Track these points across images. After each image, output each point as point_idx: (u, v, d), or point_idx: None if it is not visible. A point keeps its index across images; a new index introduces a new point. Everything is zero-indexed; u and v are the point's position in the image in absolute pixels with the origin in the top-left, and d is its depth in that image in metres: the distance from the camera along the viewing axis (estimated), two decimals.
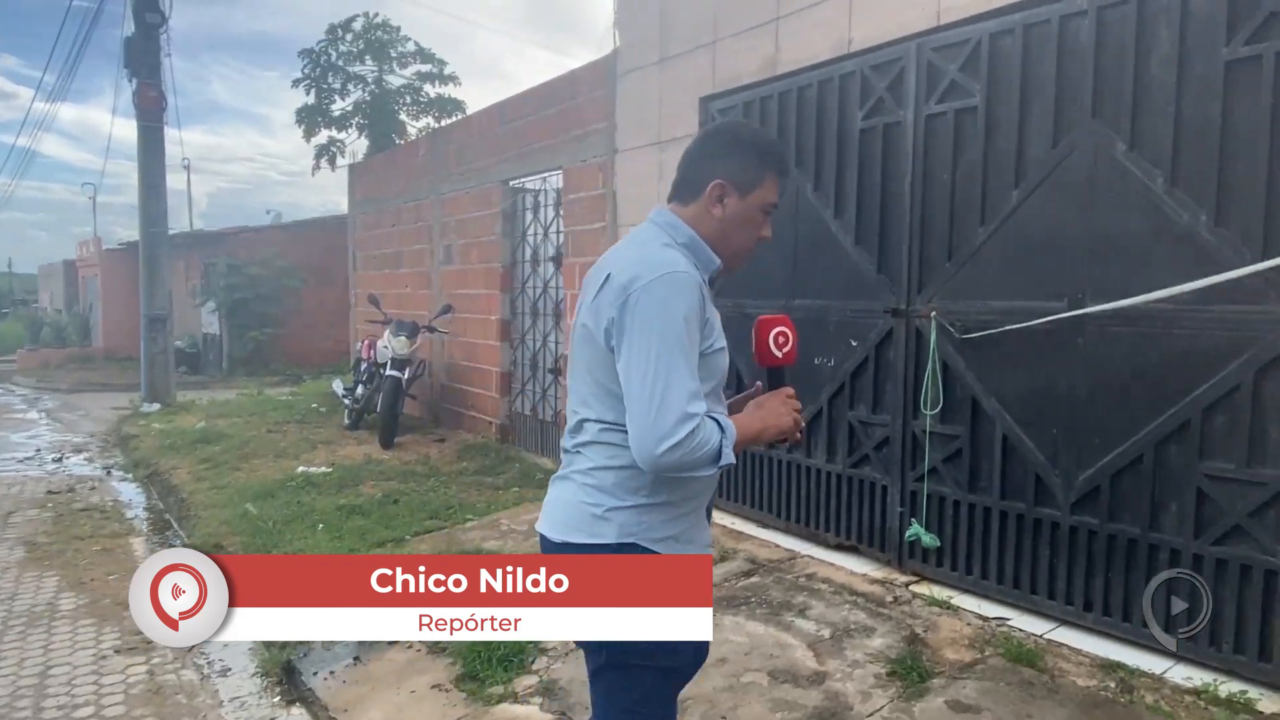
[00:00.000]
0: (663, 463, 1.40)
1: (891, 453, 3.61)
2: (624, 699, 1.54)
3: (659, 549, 1.51)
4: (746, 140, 1.63)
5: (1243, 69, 2.53)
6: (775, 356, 1.66)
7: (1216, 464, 2.65)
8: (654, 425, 1.38)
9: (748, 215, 1.59)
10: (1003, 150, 3.17)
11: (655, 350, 1.41)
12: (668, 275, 1.44)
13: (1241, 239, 2.55)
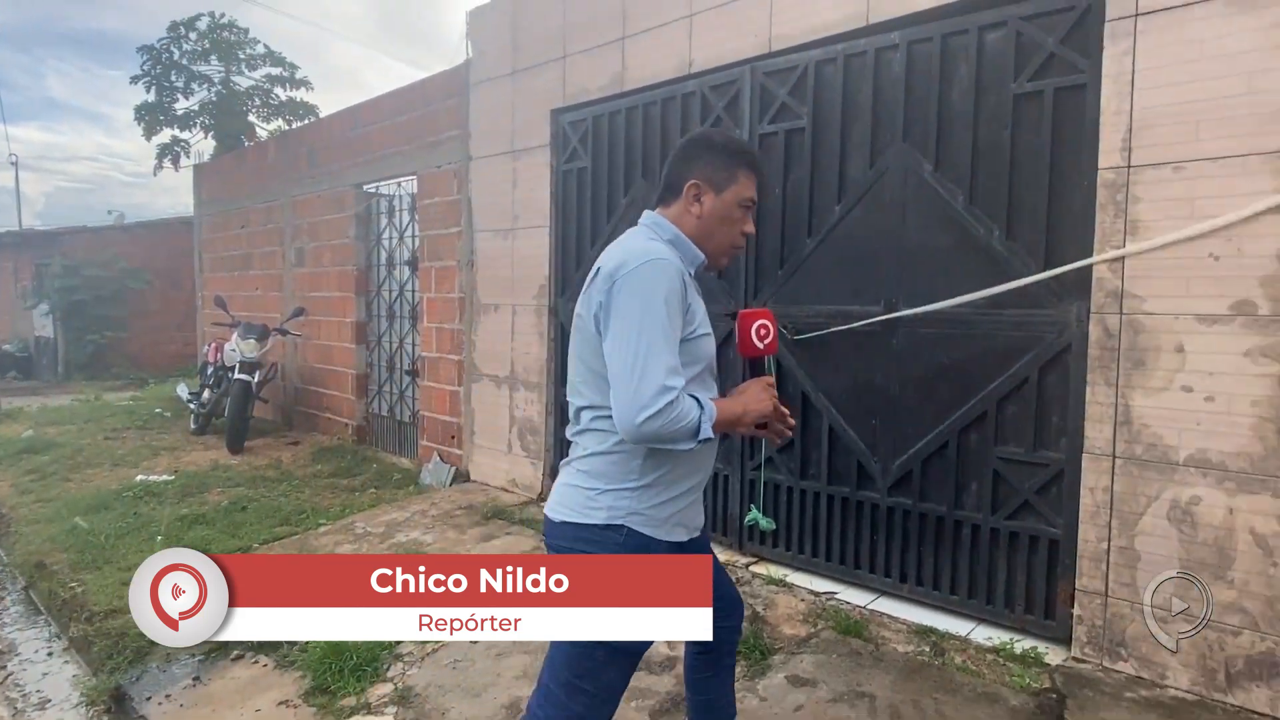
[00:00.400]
0: (643, 432, 1.40)
1: (732, 445, 3.64)
2: (567, 672, 1.51)
3: (646, 531, 1.52)
4: (718, 143, 1.65)
5: (1028, 102, 2.71)
6: (757, 348, 1.74)
7: (1009, 448, 2.83)
8: (634, 396, 1.40)
9: (725, 211, 1.62)
10: (827, 168, 3.25)
11: (637, 329, 1.43)
12: (650, 261, 1.47)
13: (1028, 251, 2.73)
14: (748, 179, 1.64)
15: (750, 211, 1.68)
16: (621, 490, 1.53)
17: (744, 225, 1.67)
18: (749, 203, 1.66)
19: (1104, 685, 2.45)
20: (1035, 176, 2.71)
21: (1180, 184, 2.36)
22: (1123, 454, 2.51)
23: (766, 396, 1.64)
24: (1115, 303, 2.50)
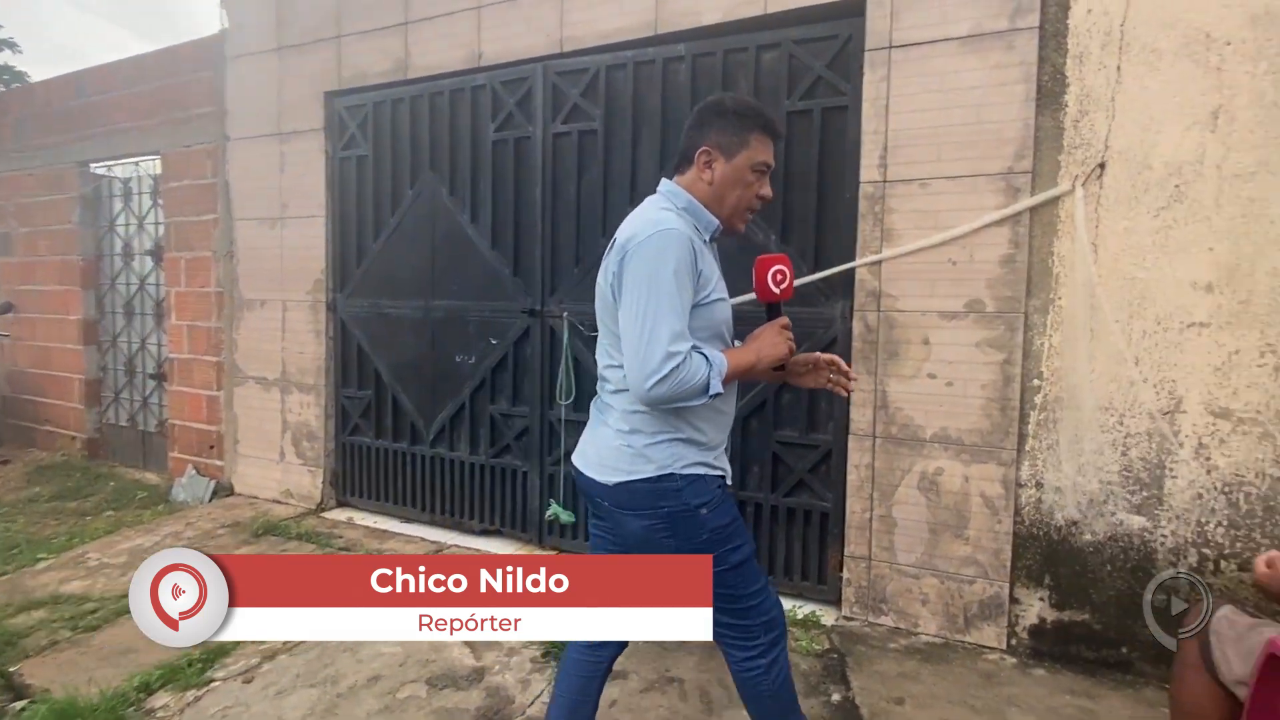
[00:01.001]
0: (653, 395, 1.39)
1: (531, 441, 3.41)
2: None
3: (692, 473, 1.50)
4: (728, 107, 1.55)
5: (800, 119, 2.78)
6: (773, 292, 1.61)
7: (786, 432, 2.90)
8: (643, 363, 1.38)
9: (738, 175, 1.54)
10: (620, 170, 3.13)
11: (645, 298, 1.40)
12: (660, 232, 1.42)
13: (800, 254, 2.81)
14: (760, 143, 1.55)
15: (765, 175, 1.59)
16: (663, 441, 1.50)
17: (759, 188, 1.59)
18: (763, 166, 1.57)
19: (871, 639, 2.59)
20: (806, 187, 2.79)
21: (926, 198, 2.54)
22: (881, 434, 2.66)
23: (781, 339, 1.58)
24: (874, 301, 2.65)
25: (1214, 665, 1.52)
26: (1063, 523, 2.44)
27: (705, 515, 1.51)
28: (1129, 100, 2.27)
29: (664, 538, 1.52)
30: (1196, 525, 2.27)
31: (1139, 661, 2.36)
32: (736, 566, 1.53)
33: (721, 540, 1.52)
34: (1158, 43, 2.23)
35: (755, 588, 1.57)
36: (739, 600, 1.55)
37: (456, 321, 3.56)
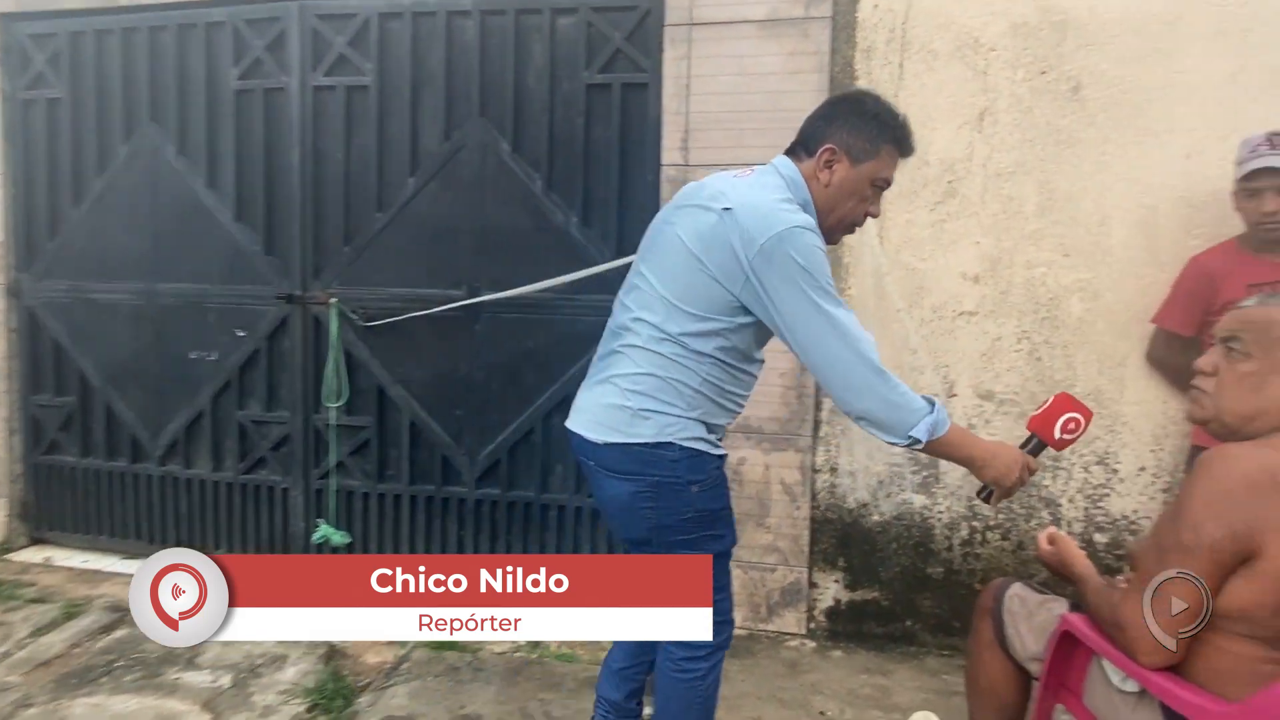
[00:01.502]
0: (864, 412, 1.35)
1: (293, 452, 2.88)
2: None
3: (692, 446, 1.42)
4: (869, 109, 1.43)
5: (599, 93, 2.58)
6: (1052, 435, 1.48)
7: None
8: (859, 381, 1.33)
9: (856, 186, 1.42)
10: (398, 136, 2.72)
11: (828, 307, 1.33)
12: (806, 229, 1.33)
13: (602, 238, 2.62)
14: (890, 157, 1.43)
15: (881, 192, 1.47)
16: (670, 415, 1.42)
17: (872, 206, 1.47)
18: (884, 183, 1.45)
19: None
20: (607, 167, 2.60)
21: None
22: None
23: (1017, 474, 1.43)
24: None
25: (1008, 643, 1.56)
26: (855, 505, 2.50)
27: (695, 493, 1.45)
28: (910, 97, 2.35)
29: (646, 507, 1.45)
30: (967, 501, 2.43)
31: (921, 632, 2.49)
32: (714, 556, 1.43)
33: (705, 523, 1.47)
34: (934, 43, 2.33)
35: (720, 583, 1.50)
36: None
37: (191, 310, 2.92)
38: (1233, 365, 1.27)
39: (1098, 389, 2.33)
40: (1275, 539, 1.10)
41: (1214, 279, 2.08)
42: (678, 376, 1.41)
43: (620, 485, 1.45)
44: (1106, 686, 1.34)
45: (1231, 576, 1.14)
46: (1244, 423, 1.25)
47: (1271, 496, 1.11)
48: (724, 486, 1.52)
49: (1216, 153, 2.21)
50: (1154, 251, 2.27)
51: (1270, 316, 1.23)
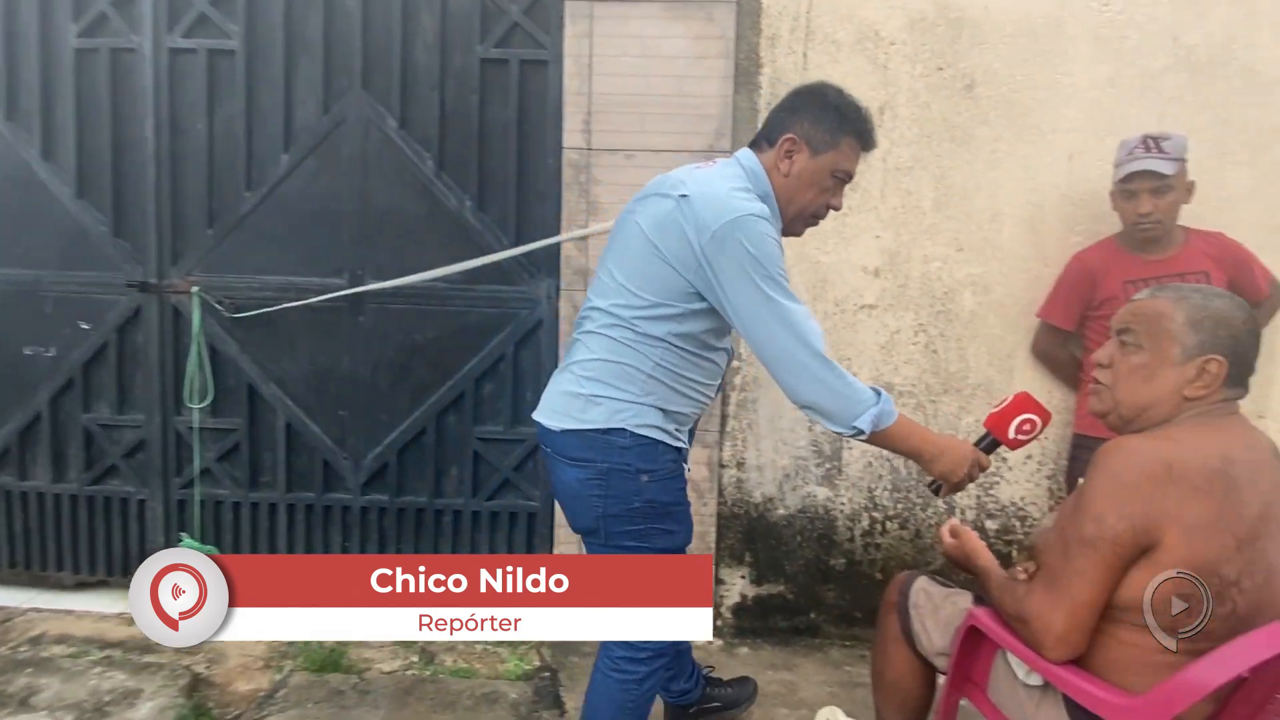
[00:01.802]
0: (809, 401, 1.36)
1: (149, 459, 2.56)
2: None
3: (645, 434, 1.41)
4: (830, 100, 1.44)
5: (495, 69, 2.41)
6: (1006, 434, 1.46)
7: (487, 428, 2.54)
8: (800, 368, 1.34)
9: (816, 176, 1.43)
10: (269, 107, 2.45)
11: (773, 295, 1.32)
12: (756, 217, 1.33)
13: (500, 225, 2.46)
14: (850, 149, 1.43)
15: (843, 184, 1.48)
16: (619, 399, 1.41)
17: (832, 197, 1.47)
18: (845, 175, 1.45)
19: (585, 646, 2.38)
20: (505, 148, 2.44)
21: (633, 171, 2.36)
22: None
23: (966, 471, 1.43)
24: (582, 280, 2.41)
25: (914, 638, 1.55)
26: (761, 500, 2.47)
27: (646, 483, 1.43)
28: None
29: (595, 495, 1.43)
30: (868, 491, 2.45)
31: (824, 624, 2.50)
32: (659, 552, 1.45)
33: (655, 517, 1.44)
34: (837, 34, 2.31)
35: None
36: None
37: (23, 298, 2.54)
38: (1126, 358, 1.28)
39: (988, 380, 2.40)
40: (1172, 530, 1.11)
41: (1094, 275, 2.17)
42: (630, 361, 1.41)
43: (572, 472, 1.45)
44: (1011, 680, 1.34)
45: (1132, 568, 1.15)
46: (1138, 413, 1.27)
47: (1168, 488, 1.12)
48: (679, 480, 1.50)
49: (1096, 154, 2.30)
50: (1040, 248, 2.35)
51: (1159, 309, 1.25)
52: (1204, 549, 1.10)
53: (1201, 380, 1.20)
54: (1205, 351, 1.19)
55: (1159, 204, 2.02)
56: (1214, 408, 1.21)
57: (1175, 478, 1.12)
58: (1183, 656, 1.11)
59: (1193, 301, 1.23)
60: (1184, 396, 1.21)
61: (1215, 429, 1.18)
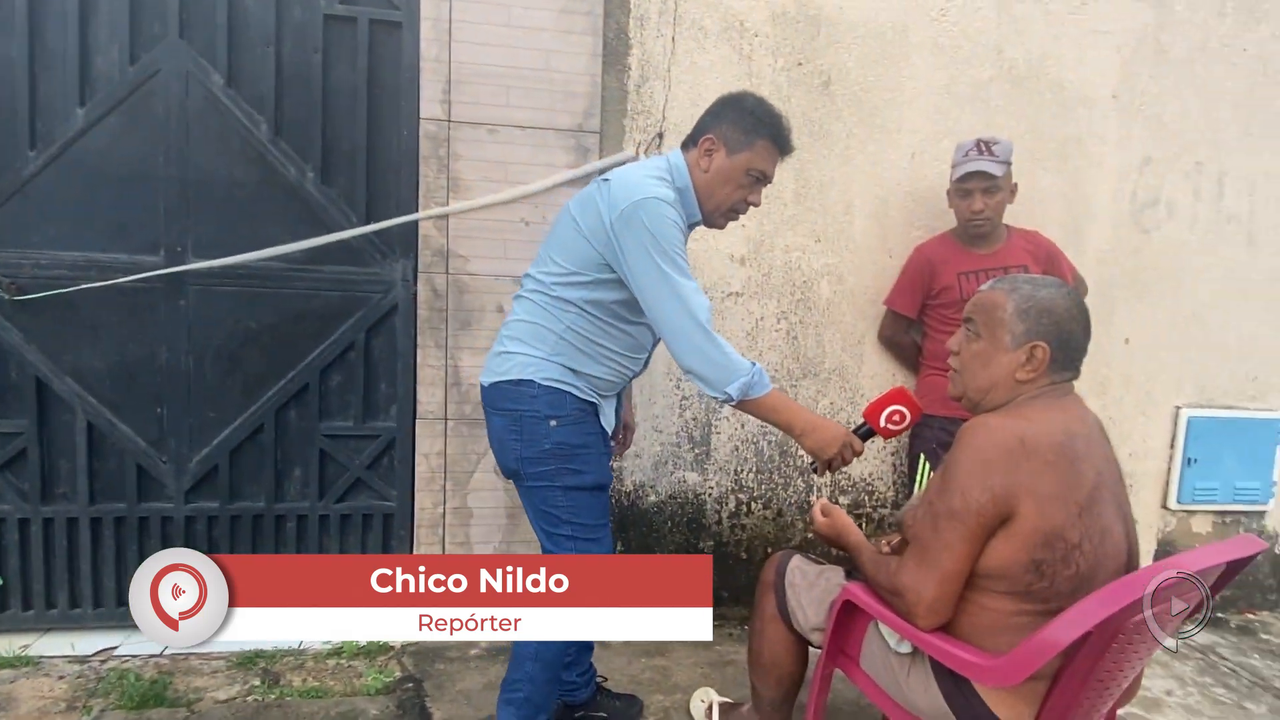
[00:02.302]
0: (691, 368, 1.49)
1: None
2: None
3: (552, 385, 1.54)
4: (748, 105, 1.56)
5: (340, 27, 2.17)
6: (878, 423, 1.57)
7: (336, 423, 2.32)
8: (686, 337, 1.46)
9: (732, 174, 1.55)
10: (60, 52, 2.06)
11: (666, 269, 1.45)
12: (659, 199, 1.46)
13: (347, 199, 2.24)
14: (765, 151, 1.55)
15: (759, 184, 1.60)
16: (529, 355, 1.56)
17: (749, 194, 1.59)
18: (759, 174, 1.57)
19: (451, 650, 2.24)
20: (353, 115, 2.22)
21: (496, 147, 2.23)
22: (454, 416, 2.31)
23: (838, 450, 1.54)
24: (442, 262, 2.25)
25: (790, 615, 1.58)
26: (633, 487, 2.45)
27: (553, 426, 1.55)
28: (682, 73, 2.32)
29: (513, 439, 1.58)
30: (734, 474, 2.50)
31: None
32: (570, 490, 1.56)
33: (564, 457, 1.55)
34: (704, 21, 2.31)
35: (585, 521, 1.58)
36: (559, 526, 1.58)
37: None
38: (969, 345, 1.37)
39: (842, 365, 2.53)
40: (1027, 500, 1.20)
41: (933, 266, 2.34)
42: (542, 322, 1.56)
43: (496, 420, 1.61)
44: (884, 650, 1.40)
45: (992, 538, 1.23)
46: (982, 396, 1.36)
47: (1022, 462, 1.21)
48: (588, 425, 1.60)
49: (934, 154, 2.48)
50: (885, 240, 2.51)
51: (994, 300, 1.35)
52: (1053, 517, 1.20)
53: (1030, 364, 1.30)
54: (1031, 338, 1.30)
55: (989, 202, 2.21)
56: (1053, 388, 1.32)
57: (1029, 452, 1.21)
58: (1037, 617, 1.21)
59: (1022, 292, 1.33)
60: (1016, 379, 1.32)
61: (1058, 407, 1.29)
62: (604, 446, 1.64)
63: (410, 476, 2.33)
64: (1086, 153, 2.59)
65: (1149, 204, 2.65)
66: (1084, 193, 2.60)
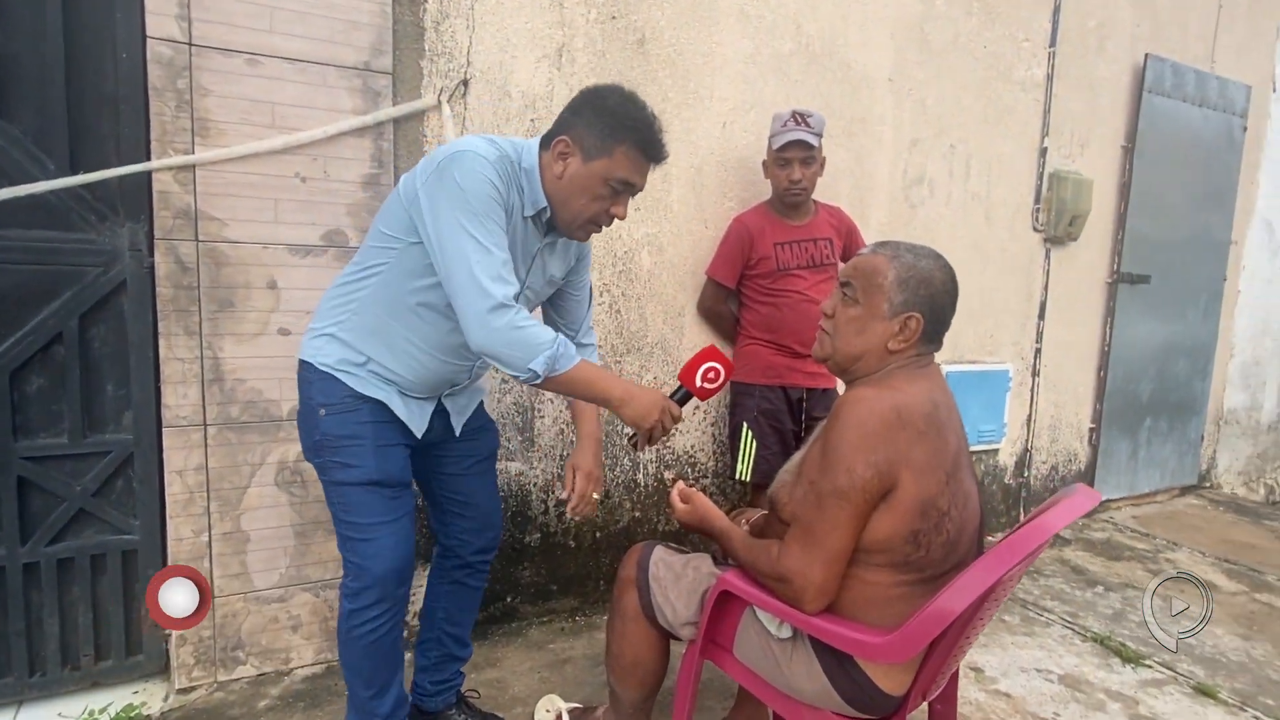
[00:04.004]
0: (481, 345, 1.29)
1: None
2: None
3: (324, 369, 1.42)
4: (609, 104, 1.34)
5: None
6: (694, 384, 1.49)
7: (41, 440, 1.74)
8: (470, 306, 1.28)
9: (588, 183, 1.35)
10: None
11: (457, 229, 1.27)
12: (464, 153, 1.29)
13: (37, 141, 1.65)
14: (627, 159, 1.33)
15: (623, 194, 1.38)
16: (312, 329, 1.46)
17: (611, 205, 1.38)
18: (621, 184, 1.35)
19: (230, 708, 1.82)
20: (46, 33, 1.63)
21: (258, 82, 1.78)
22: (217, 420, 1.84)
23: (656, 416, 1.38)
24: (189, 226, 1.76)
25: (656, 611, 1.47)
26: None
27: (323, 416, 1.42)
28: (488, 14, 2.04)
29: (300, 427, 1.49)
30: (559, 459, 2.33)
31: (521, 605, 2.33)
32: (338, 485, 1.43)
33: (331, 449, 1.42)
34: None
35: (354, 520, 1.43)
36: (338, 523, 1.46)
37: None
38: (845, 309, 1.34)
39: (664, 338, 2.46)
40: (907, 472, 1.19)
41: (751, 236, 2.34)
42: (340, 291, 1.44)
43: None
44: (763, 636, 1.34)
45: (874, 512, 1.21)
46: (851, 362, 1.34)
47: (899, 433, 1.20)
48: (361, 414, 1.43)
49: (742, 124, 2.48)
50: (701, 209, 2.46)
51: (876, 265, 1.32)
52: (928, 487, 1.20)
53: (902, 335, 1.30)
54: (908, 309, 1.29)
55: (806, 173, 2.25)
56: (918, 359, 1.33)
57: (904, 423, 1.20)
58: (914, 587, 1.22)
59: (904, 260, 1.31)
60: (888, 349, 1.31)
61: (923, 376, 1.30)
62: (387, 439, 1.45)
63: (158, 501, 1.83)
64: (869, 131, 2.76)
65: (916, 181, 2.92)
66: (867, 169, 2.79)
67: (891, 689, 1.25)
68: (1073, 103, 3.29)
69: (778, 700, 1.36)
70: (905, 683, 1.26)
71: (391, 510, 1.45)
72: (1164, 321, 3.79)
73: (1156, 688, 2.18)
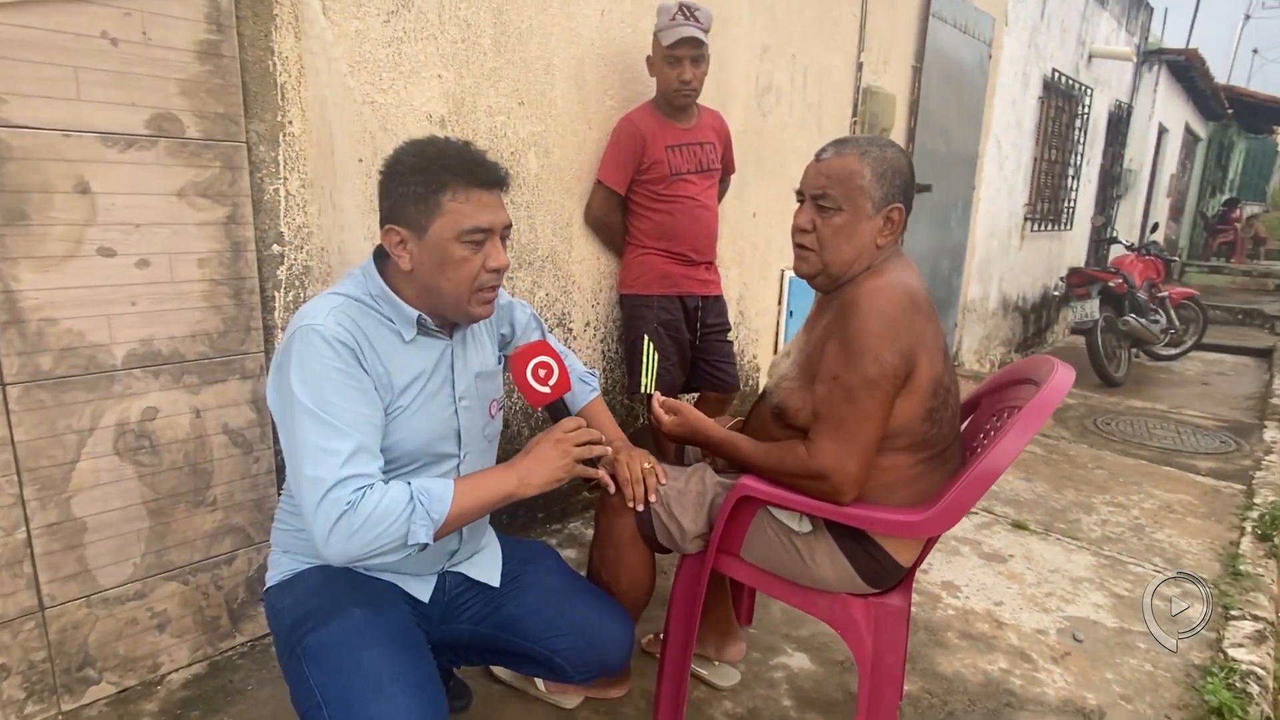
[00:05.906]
0: (331, 553, 0.99)
1: None
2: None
3: (294, 574, 1.20)
4: (406, 164, 1.10)
5: None
6: (541, 393, 1.21)
7: None
8: (304, 507, 1.00)
9: (442, 254, 1.10)
10: None
11: (290, 414, 1.04)
12: (299, 330, 1.06)
13: None
14: (461, 203, 1.08)
15: (485, 240, 1.11)
16: (275, 550, 1.26)
17: (487, 260, 1.12)
18: (475, 231, 1.09)
19: None
20: None
21: None
22: (22, 376, 1.35)
23: (556, 452, 1.17)
24: None
25: (655, 532, 1.40)
26: None
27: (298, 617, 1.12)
28: None
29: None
30: None
31: None
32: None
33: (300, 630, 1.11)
34: None
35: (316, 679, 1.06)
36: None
37: None
38: (828, 220, 1.32)
39: (554, 251, 2.28)
40: (924, 354, 1.23)
41: (644, 138, 2.22)
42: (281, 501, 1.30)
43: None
44: (781, 534, 1.34)
45: (897, 398, 1.25)
46: (846, 269, 1.34)
47: (915, 316, 1.23)
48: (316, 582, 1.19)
49: (619, 14, 2.31)
50: (585, 107, 2.28)
51: (848, 167, 1.31)
52: (937, 365, 1.26)
53: (887, 228, 1.33)
54: (889, 201, 1.32)
55: (696, 73, 2.16)
56: (898, 246, 1.37)
57: (918, 306, 1.24)
58: (929, 464, 1.29)
59: (873, 155, 1.32)
60: (875, 245, 1.33)
61: (904, 262, 1.34)
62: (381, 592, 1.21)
63: None
64: (729, 34, 2.74)
65: (766, 89, 2.98)
66: (728, 74, 2.78)
67: (906, 561, 1.34)
68: (879, 20, 3.56)
69: (789, 592, 1.38)
70: (916, 552, 1.35)
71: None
72: (935, 226, 4.40)
73: (988, 529, 2.63)
